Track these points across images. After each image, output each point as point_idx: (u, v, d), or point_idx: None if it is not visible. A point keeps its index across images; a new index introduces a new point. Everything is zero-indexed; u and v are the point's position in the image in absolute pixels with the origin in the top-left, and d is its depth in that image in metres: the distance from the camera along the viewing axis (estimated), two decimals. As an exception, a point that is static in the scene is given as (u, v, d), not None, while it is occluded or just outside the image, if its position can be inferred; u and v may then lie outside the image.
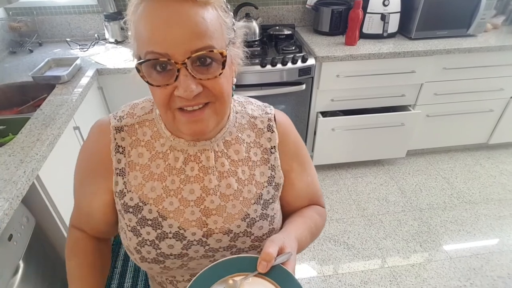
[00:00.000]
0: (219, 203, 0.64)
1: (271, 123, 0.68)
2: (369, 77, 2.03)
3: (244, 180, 0.65)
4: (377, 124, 2.17)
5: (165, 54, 0.48)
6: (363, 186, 2.29)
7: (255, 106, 0.70)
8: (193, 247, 0.64)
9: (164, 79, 0.50)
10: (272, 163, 0.67)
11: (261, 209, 0.66)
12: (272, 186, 0.67)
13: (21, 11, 2.10)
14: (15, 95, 1.65)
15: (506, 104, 2.31)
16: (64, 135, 1.34)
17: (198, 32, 0.48)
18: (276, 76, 1.91)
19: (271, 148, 0.67)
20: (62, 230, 1.28)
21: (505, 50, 2.03)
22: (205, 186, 0.63)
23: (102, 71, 1.78)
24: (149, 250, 0.63)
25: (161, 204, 0.63)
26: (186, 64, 0.48)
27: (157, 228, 0.62)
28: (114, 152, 0.63)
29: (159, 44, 0.47)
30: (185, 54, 0.48)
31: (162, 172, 0.63)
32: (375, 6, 2.02)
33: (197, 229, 0.63)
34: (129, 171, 0.63)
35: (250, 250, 0.66)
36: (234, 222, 0.64)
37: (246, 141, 0.66)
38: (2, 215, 0.90)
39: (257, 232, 0.65)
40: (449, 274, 1.72)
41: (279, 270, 0.56)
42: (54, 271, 1.30)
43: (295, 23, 2.41)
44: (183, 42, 0.47)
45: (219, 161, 0.64)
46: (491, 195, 2.20)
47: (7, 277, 1.00)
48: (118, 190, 0.63)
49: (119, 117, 0.65)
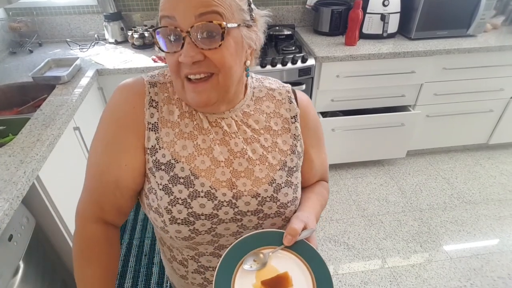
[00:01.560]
0: (246, 165, 0.65)
1: (290, 95, 0.72)
2: (369, 77, 2.03)
3: (267, 147, 0.67)
4: (377, 124, 2.17)
5: (172, 17, 0.53)
6: (363, 186, 2.29)
7: (272, 81, 0.75)
8: (224, 208, 0.64)
9: (173, 47, 0.56)
10: (294, 132, 0.70)
11: (286, 176, 0.68)
12: (295, 154, 0.70)
13: (21, 11, 2.10)
14: (15, 96, 1.65)
15: (506, 104, 2.31)
16: (64, 136, 1.34)
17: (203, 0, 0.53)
18: (276, 76, 1.89)
19: (291, 118, 0.70)
20: (62, 230, 1.28)
21: (505, 50, 2.03)
22: (232, 149, 0.65)
23: (102, 71, 1.78)
24: (180, 209, 0.62)
25: (193, 162, 0.63)
26: (190, 33, 0.53)
27: (189, 187, 0.62)
28: (148, 106, 0.63)
29: (169, 9, 0.54)
30: (189, 21, 0.53)
31: (192, 131, 0.64)
32: (375, 6, 2.03)
33: (227, 190, 0.64)
34: (161, 127, 0.64)
35: (275, 216, 0.67)
36: (262, 186, 0.66)
37: (266, 111, 0.69)
38: (2, 215, 0.90)
39: (282, 199, 0.67)
40: (449, 275, 1.71)
41: (303, 245, 0.61)
42: (54, 271, 1.30)
43: (295, 23, 2.41)
44: (188, 8, 0.52)
45: (241, 128, 0.66)
46: (491, 195, 2.20)
47: (7, 277, 1.00)
48: (150, 146, 0.63)
49: (151, 75, 0.68)
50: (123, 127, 0.63)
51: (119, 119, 0.63)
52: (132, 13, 2.20)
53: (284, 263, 0.60)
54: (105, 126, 0.64)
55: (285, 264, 0.59)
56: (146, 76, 0.67)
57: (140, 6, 2.19)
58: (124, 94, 0.65)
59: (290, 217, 0.69)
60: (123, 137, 0.63)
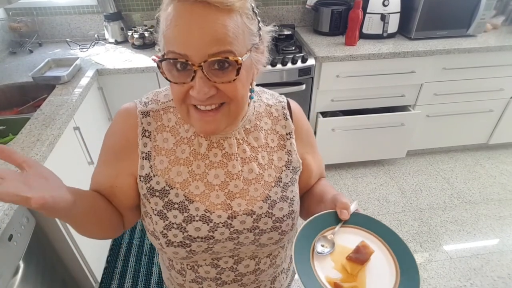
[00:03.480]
0: (242, 187, 0.66)
1: (285, 111, 0.72)
2: (369, 77, 2.03)
3: (264, 165, 0.68)
4: (377, 124, 2.17)
5: (184, 55, 0.51)
6: (363, 186, 2.29)
7: (269, 95, 0.74)
8: (219, 229, 0.65)
9: (182, 78, 0.53)
10: (288, 148, 0.71)
11: (281, 191, 0.69)
12: (290, 169, 0.71)
13: (21, 11, 2.10)
14: (15, 96, 1.65)
15: (506, 104, 2.31)
16: (64, 136, 1.34)
17: (217, 38, 0.50)
18: (276, 76, 1.91)
19: (286, 135, 0.71)
20: (62, 230, 1.28)
21: (505, 50, 2.03)
22: (229, 171, 0.66)
23: (102, 71, 1.78)
24: (176, 234, 0.64)
25: (187, 188, 0.65)
26: (202, 67, 0.51)
27: (184, 212, 0.64)
28: (141, 136, 0.65)
29: (179, 45, 0.51)
30: (202, 57, 0.51)
31: (188, 157, 0.65)
32: (375, 6, 2.03)
33: (222, 212, 0.65)
34: (155, 155, 0.65)
35: (271, 231, 0.68)
36: (257, 203, 0.67)
37: (264, 128, 0.70)
38: (2, 215, 0.90)
39: (277, 213, 0.68)
40: (449, 274, 1.71)
41: (357, 216, 0.63)
42: (54, 271, 1.30)
43: (295, 23, 2.41)
44: (201, 46, 0.50)
45: (241, 147, 0.67)
46: (491, 195, 2.20)
47: (7, 277, 1.00)
48: (144, 174, 0.65)
49: (144, 102, 0.67)
50: (118, 152, 0.66)
51: (115, 143, 0.66)
52: (132, 13, 2.21)
53: (351, 237, 0.61)
54: (104, 145, 0.68)
55: (353, 238, 0.61)
56: (139, 103, 0.67)
57: (140, 6, 2.19)
58: (123, 119, 0.66)
59: (286, 230, 0.70)
60: (117, 162, 0.66)
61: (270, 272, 0.77)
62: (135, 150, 0.65)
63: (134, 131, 0.65)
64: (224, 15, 0.50)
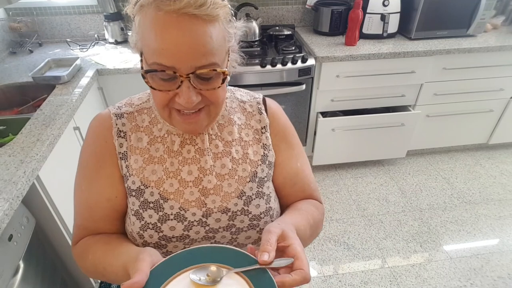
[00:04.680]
0: (215, 182, 0.66)
1: (260, 106, 0.72)
2: (369, 77, 2.03)
3: (238, 159, 0.68)
4: (377, 124, 2.17)
5: (171, 67, 0.51)
6: (363, 186, 2.29)
7: (243, 93, 0.75)
8: (194, 228, 0.65)
9: (167, 86, 0.54)
10: (264, 142, 0.70)
11: (257, 187, 0.68)
12: (266, 164, 0.70)
13: (21, 11, 2.10)
14: (15, 96, 1.65)
15: (506, 104, 2.31)
16: (64, 136, 1.34)
17: (205, 51, 0.51)
18: (276, 76, 1.91)
19: (261, 129, 0.71)
20: (62, 230, 1.28)
21: (505, 50, 2.03)
22: (202, 167, 0.66)
23: (102, 71, 1.78)
24: (151, 234, 0.64)
25: (162, 186, 0.65)
26: (190, 78, 0.52)
27: (158, 211, 0.64)
28: (116, 137, 0.65)
29: (167, 59, 0.51)
30: (190, 69, 0.52)
31: (162, 155, 0.65)
32: (375, 6, 2.03)
33: (196, 209, 0.65)
34: (130, 154, 0.65)
35: (249, 229, 0.67)
36: (231, 200, 0.66)
37: (238, 122, 0.70)
38: (2, 215, 0.90)
39: (254, 211, 0.66)
40: (449, 274, 1.71)
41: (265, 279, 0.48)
42: (54, 271, 1.30)
43: (295, 23, 2.41)
44: (189, 59, 0.51)
45: (213, 143, 0.67)
46: (491, 195, 2.20)
47: (7, 277, 1.00)
48: (122, 174, 0.66)
49: (117, 107, 0.69)
50: (101, 160, 0.65)
51: (96, 154, 0.66)
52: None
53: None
54: (84, 163, 0.67)
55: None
56: (112, 108, 0.68)
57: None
58: (95, 130, 0.67)
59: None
60: (103, 170, 0.65)
61: None
62: (114, 152, 0.65)
63: (109, 134, 0.65)
64: (210, 25, 0.51)
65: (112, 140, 0.65)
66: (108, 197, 0.65)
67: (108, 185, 0.65)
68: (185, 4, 0.48)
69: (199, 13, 0.49)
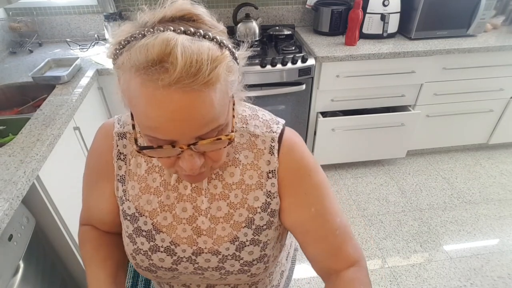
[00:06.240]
0: (209, 225, 0.63)
1: (273, 144, 0.61)
2: (369, 77, 2.03)
3: (236, 204, 0.62)
4: (377, 124, 2.17)
5: (169, 140, 0.45)
6: (363, 186, 2.29)
7: (261, 122, 0.63)
8: (183, 264, 0.64)
9: (167, 153, 0.48)
10: (268, 189, 0.61)
11: (252, 234, 0.63)
12: (267, 212, 0.62)
13: (21, 11, 2.10)
14: (15, 96, 1.65)
15: (506, 104, 2.31)
16: (64, 136, 1.34)
17: (206, 122, 0.44)
18: (276, 76, 1.91)
19: (268, 172, 0.61)
20: (62, 230, 1.28)
21: (505, 50, 2.03)
22: (198, 206, 0.63)
23: (102, 71, 1.78)
24: (143, 259, 0.65)
25: (156, 217, 0.64)
26: (191, 148, 0.46)
27: (150, 240, 0.64)
28: (116, 159, 0.64)
29: (163, 134, 0.44)
30: (191, 140, 0.45)
31: (158, 187, 0.63)
32: (375, 6, 2.03)
33: (187, 247, 0.64)
34: (128, 179, 0.64)
35: (239, 273, 0.64)
36: (223, 244, 0.63)
37: (243, 162, 0.61)
38: (2, 215, 0.90)
39: (246, 257, 0.63)
40: (449, 274, 1.71)
41: None
42: (54, 271, 1.30)
43: (295, 23, 2.41)
44: (189, 132, 0.44)
45: (212, 183, 0.62)
46: (491, 195, 2.20)
47: (7, 277, 1.00)
48: (119, 195, 0.66)
49: (122, 122, 0.65)
50: (98, 173, 0.67)
51: (95, 164, 0.68)
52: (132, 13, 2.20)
53: None
54: (86, 166, 0.69)
55: None
56: (117, 122, 0.64)
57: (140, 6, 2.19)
58: (101, 139, 0.66)
59: (257, 273, 0.65)
60: (99, 183, 0.67)
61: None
62: (112, 172, 0.65)
63: (110, 154, 0.65)
64: (210, 91, 0.42)
65: (112, 161, 0.65)
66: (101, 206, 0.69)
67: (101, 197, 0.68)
68: (176, 77, 0.39)
69: (196, 83, 0.40)
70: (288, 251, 0.89)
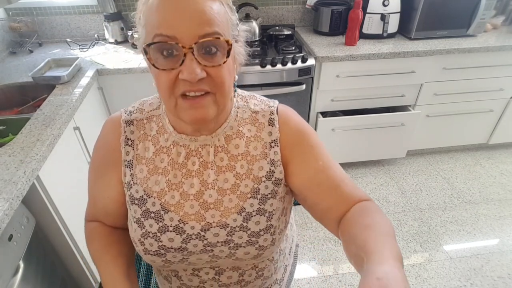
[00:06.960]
0: (216, 197, 0.65)
1: (273, 117, 0.67)
2: (369, 77, 2.03)
3: (242, 174, 0.65)
4: (377, 124, 2.17)
5: (173, 37, 0.50)
6: (363, 186, 2.29)
7: (258, 101, 0.70)
8: (192, 241, 0.65)
9: (170, 63, 0.52)
10: (272, 158, 0.66)
11: (258, 204, 0.65)
12: (271, 181, 0.66)
13: (21, 11, 2.10)
14: (15, 96, 1.65)
15: (506, 104, 2.31)
16: (64, 136, 1.34)
17: (206, 19, 0.50)
18: (276, 76, 1.91)
19: (271, 142, 0.66)
20: (62, 230, 1.28)
21: (505, 50, 2.03)
22: (204, 180, 0.65)
23: (102, 71, 1.78)
24: (152, 243, 0.65)
25: (164, 197, 0.65)
26: (193, 49, 0.50)
27: (159, 221, 0.64)
28: (124, 145, 0.66)
29: (168, 28, 0.50)
30: (192, 38, 0.50)
31: (166, 167, 0.65)
32: (375, 6, 2.03)
33: (195, 223, 0.65)
34: (136, 164, 0.66)
35: (247, 245, 0.65)
36: (231, 216, 0.65)
37: (247, 135, 0.66)
38: (2, 215, 0.90)
39: (253, 227, 0.65)
40: (449, 274, 1.71)
41: None
42: (54, 271, 1.30)
43: (295, 23, 2.41)
44: (191, 26, 0.49)
45: (218, 156, 0.65)
46: (491, 195, 2.20)
47: (7, 277, 1.00)
48: (126, 181, 0.67)
49: (129, 111, 0.69)
50: (105, 162, 0.68)
51: (102, 153, 0.69)
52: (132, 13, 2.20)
53: None
54: (92, 157, 0.71)
55: None
56: (124, 112, 0.69)
57: (140, 6, 2.19)
58: (106, 135, 0.69)
59: (265, 245, 0.65)
60: (105, 172, 0.68)
61: (258, 283, 0.76)
62: (120, 158, 0.67)
63: (118, 140, 0.67)
64: (210, 0, 0.51)
65: (119, 147, 0.67)
66: (107, 195, 0.70)
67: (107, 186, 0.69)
68: None
69: None
70: (291, 246, 0.91)
